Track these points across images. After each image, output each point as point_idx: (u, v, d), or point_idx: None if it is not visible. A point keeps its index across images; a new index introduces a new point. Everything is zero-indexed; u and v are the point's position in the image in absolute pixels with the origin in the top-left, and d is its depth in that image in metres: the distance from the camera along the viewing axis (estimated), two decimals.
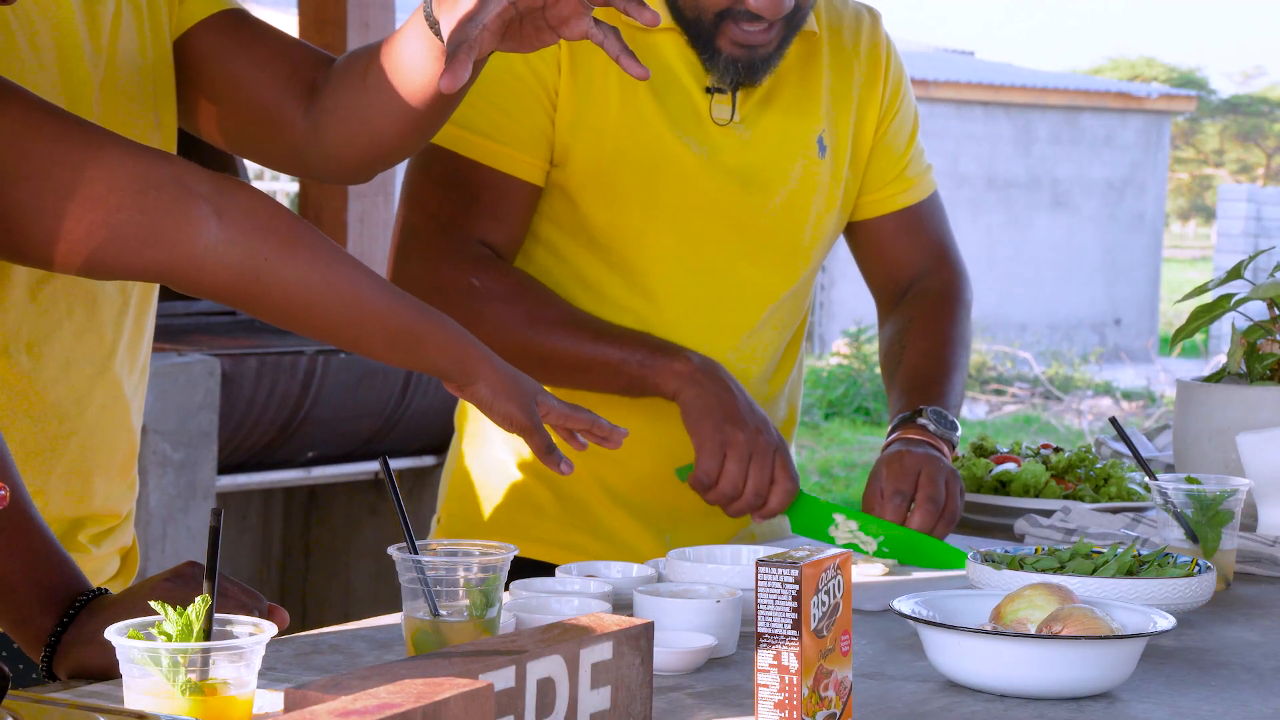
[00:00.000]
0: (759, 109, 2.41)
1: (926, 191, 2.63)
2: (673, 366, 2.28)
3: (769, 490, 2.25)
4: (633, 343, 2.31)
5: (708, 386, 2.26)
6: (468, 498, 2.45)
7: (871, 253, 2.63)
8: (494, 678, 1.42)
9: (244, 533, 5.67)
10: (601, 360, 2.30)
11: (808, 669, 1.57)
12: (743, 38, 2.29)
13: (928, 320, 2.57)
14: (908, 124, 2.59)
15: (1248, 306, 2.77)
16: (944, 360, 2.54)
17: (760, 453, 2.24)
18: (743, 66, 2.32)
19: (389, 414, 5.21)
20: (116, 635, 1.44)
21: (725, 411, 2.25)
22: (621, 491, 2.43)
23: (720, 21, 2.29)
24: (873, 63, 2.52)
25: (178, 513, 4.71)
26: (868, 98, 2.52)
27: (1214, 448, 2.62)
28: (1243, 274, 2.78)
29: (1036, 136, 19.96)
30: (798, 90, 2.44)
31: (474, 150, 2.32)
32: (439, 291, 2.30)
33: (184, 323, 5.59)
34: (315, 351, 5.01)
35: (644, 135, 2.34)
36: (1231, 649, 1.96)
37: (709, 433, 2.24)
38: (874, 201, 2.58)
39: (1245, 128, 39.13)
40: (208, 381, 4.74)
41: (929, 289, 2.61)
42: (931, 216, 2.64)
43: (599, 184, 2.34)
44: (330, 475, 5.30)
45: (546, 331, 2.31)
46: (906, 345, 2.55)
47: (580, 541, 2.40)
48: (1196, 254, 38.64)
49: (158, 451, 4.66)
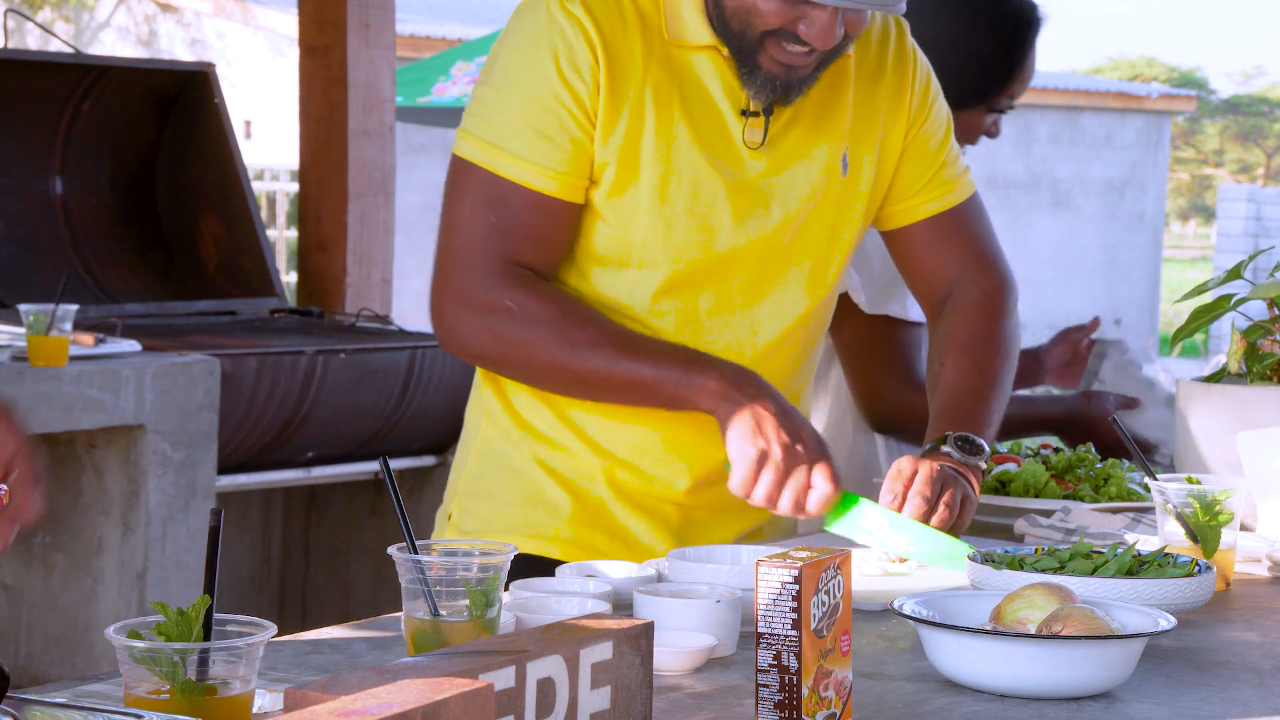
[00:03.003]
0: (784, 130, 2.41)
1: (964, 195, 2.60)
2: (707, 385, 2.29)
3: (805, 496, 2.26)
4: (668, 360, 2.32)
5: (742, 401, 2.27)
6: (482, 495, 2.46)
7: (909, 261, 2.61)
8: (494, 678, 1.42)
9: (244, 533, 5.67)
10: (637, 380, 2.32)
11: (808, 669, 1.56)
12: (785, 58, 2.30)
13: (964, 334, 2.55)
14: (939, 129, 2.56)
15: (1248, 306, 2.77)
16: (978, 379, 2.51)
17: (798, 462, 2.25)
18: (780, 85, 2.32)
19: (389, 414, 5.21)
20: (116, 635, 1.44)
21: (761, 425, 2.25)
22: (635, 493, 2.43)
23: (764, 39, 2.29)
24: (899, 73, 2.51)
25: (178, 513, 4.71)
26: (895, 109, 2.50)
27: (1214, 448, 2.62)
28: (1243, 274, 2.78)
29: (1036, 136, 19.96)
30: (822, 109, 2.44)
31: (515, 173, 2.33)
32: (478, 314, 2.33)
33: (184, 323, 5.59)
34: (315, 351, 5.01)
35: (675, 156, 2.34)
36: (1231, 649, 1.96)
37: (743, 448, 2.25)
38: (905, 209, 2.57)
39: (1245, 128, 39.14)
40: (208, 381, 4.74)
41: (968, 299, 2.58)
42: (969, 220, 2.61)
43: (628, 204, 2.35)
44: (330, 475, 5.30)
45: (582, 353, 2.32)
46: (944, 363, 2.54)
47: (595, 541, 2.41)
48: (1196, 254, 38.64)
49: (158, 451, 4.66)
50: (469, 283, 2.34)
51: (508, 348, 2.35)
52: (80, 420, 4.51)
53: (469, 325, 2.35)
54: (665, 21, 2.35)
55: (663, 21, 2.35)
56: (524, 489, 2.44)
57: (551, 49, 2.31)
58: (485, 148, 2.33)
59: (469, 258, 2.34)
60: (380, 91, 6.00)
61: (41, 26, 6.10)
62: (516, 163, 2.32)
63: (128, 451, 4.67)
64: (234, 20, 17.27)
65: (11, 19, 13.45)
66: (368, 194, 6.02)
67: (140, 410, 4.61)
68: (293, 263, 13.65)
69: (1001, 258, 2.65)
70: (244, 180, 5.92)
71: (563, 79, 2.31)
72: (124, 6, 18.72)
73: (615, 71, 2.32)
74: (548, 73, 2.31)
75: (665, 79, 2.34)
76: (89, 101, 5.84)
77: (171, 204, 6.06)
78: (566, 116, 2.32)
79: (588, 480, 2.43)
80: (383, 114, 6.03)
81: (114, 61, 5.97)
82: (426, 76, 11.10)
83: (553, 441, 2.43)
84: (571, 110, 2.31)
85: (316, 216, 6.03)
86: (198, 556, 4.73)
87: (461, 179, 2.36)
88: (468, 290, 2.34)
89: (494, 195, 2.34)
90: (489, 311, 2.33)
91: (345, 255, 5.98)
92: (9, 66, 5.66)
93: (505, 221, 2.34)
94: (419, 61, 11.68)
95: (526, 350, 2.33)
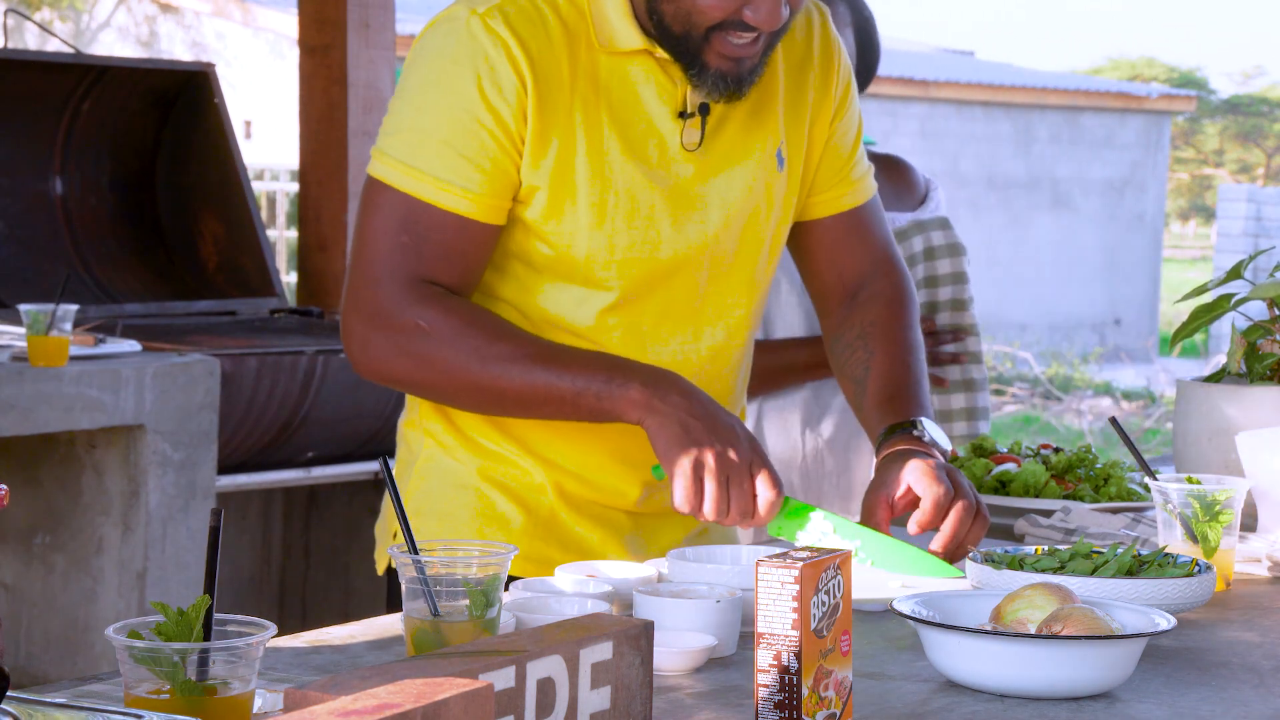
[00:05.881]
0: (717, 130, 2.37)
1: (870, 193, 2.58)
2: (629, 395, 2.23)
3: (753, 505, 2.23)
4: (586, 370, 2.25)
5: (667, 411, 2.21)
6: (430, 513, 2.42)
7: (819, 255, 2.58)
8: (494, 678, 1.42)
9: (244, 533, 5.67)
10: (557, 394, 2.25)
11: (808, 669, 1.57)
12: (731, 50, 2.25)
13: (889, 324, 2.53)
14: (854, 124, 2.54)
15: (1248, 306, 2.78)
16: (911, 366, 2.50)
17: (736, 469, 2.20)
18: (731, 80, 2.28)
19: (389, 414, 5.20)
20: (116, 635, 1.44)
21: (691, 434, 2.20)
22: (585, 503, 2.41)
23: (710, 35, 2.25)
24: (825, 65, 2.48)
25: (178, 513, 4.71)
26: (821, 100, 2.48)
27: (1214, 448, 2.63)
28: (1243, 274, 2.79)
29: (1036, 136, 19.95)
30: (755, 105, 2.40)
31: (428, 193, 2.27)
32: (387, 333, 2.27)
33: (184, 323, 5.59)
34: (315, 351, 5.01)
35: (609, 172, 2.29)
36: (1231, 649, 1.96)
37: (678, 462, 2.20)
38: (821, 202, 2.54)
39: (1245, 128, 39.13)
40: (208, 381, 4.74)
41: (881, 293, 2.56)
42: (876, 218, 2.60)
43: (562, 219, 2.30)
44: (330, 475, 5.29)
45: (499, 368, 2.25)
46: (873, 350, 2.51)
47: (547, 553, 2.38)
48: (1196, 254, 38.63)
49: (158, 451, 4.66)
50: (378, 300, 2.27)
51: (422, 369, 2.28)
52: (80, 420, 4.51)
53: (379, 346, 2.27)
54: (593, 28, 2.30)
55: (590, 29, 2.30)
56: (473, 504, 2.40)
57: (474, 69, 2.24)
58: (399, 168, 2.27)
59: (379, 276, 2.27)
60: (380, 91, 6.00)
61: (41, 26, 6.10)
62: (432, 183, 2.26)
63: (128, 451, 4.67)
64: (234, 21, 17.27)
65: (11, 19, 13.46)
66: None
67: (140, 410, 4.61)
68: (293, 263, 13.65)
69: (901, 255, 2.64)
70: (244, 180, 5.92)
71: (485, 100, 2.24)
72: (124, 6, 18.72)
73: (543, 92, 2.26)
74: (469, 93, 2.24)
75: (592, 92, 2.29)
76: (89, 101, 5.84)
77: (171, 204, 6.06)
78: (487, 138, 2.25)
79: (538, 494, 2.39)
80: (382, 114, 6.02)
81: (114, 61, 5.97)
82: None
83: (499, 456, 2.39)
84: (493, 131, 2.25)
85: (316, 216, 6.03)
86: (198, 556, 4.73)
87: (375, 198, 2.30)
88: (376, 308, 2.27)
89: (407, 215, 2.27)
90: (399, 331, 2.26)
91: (345, 255, 5.98)
92: (9, 66, 5.66)
93: (417, 241, 2.27)
94: None
95: (440, 369, 2.26)
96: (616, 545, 2.42)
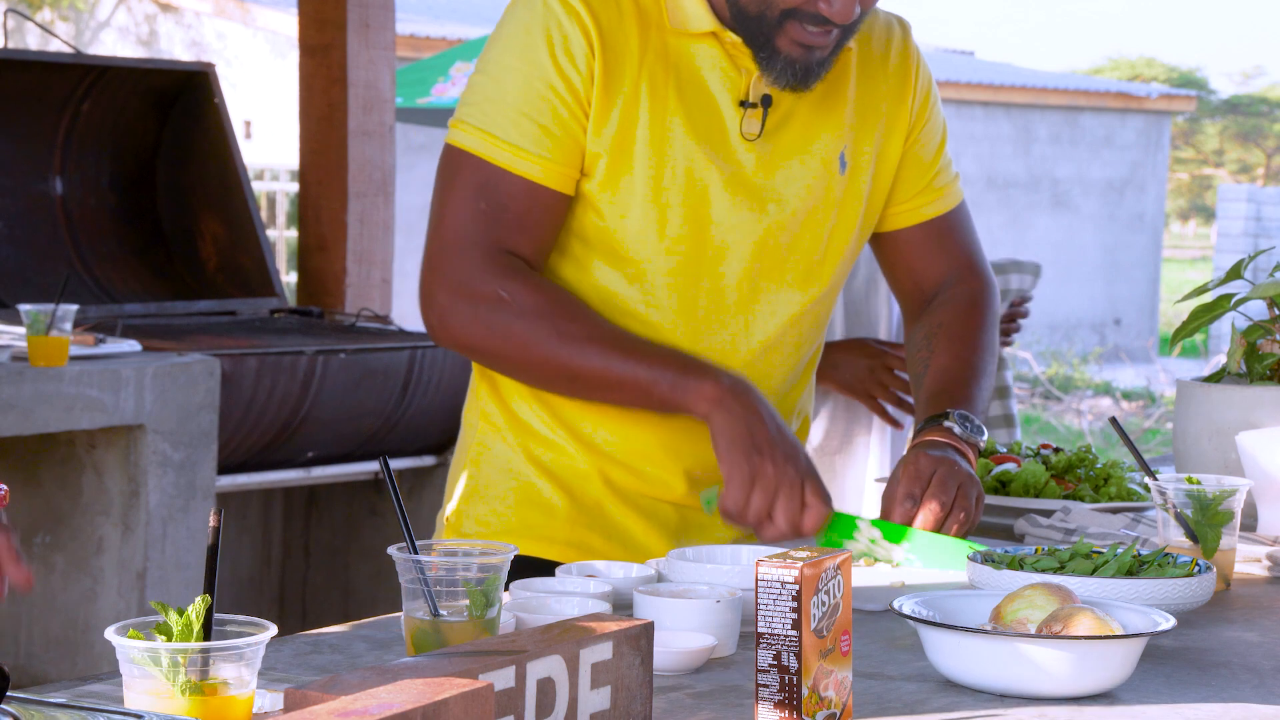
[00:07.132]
0: (782, 123, 2.40)
1: (954, 201, 2.62)
2: (702, 389, 2.27)
3: (801, 516, 2.25)
4: (662, 361, 2.30)
5: (737, 412, 2.25)
6: (479, 497, 2.45)
7: (899, 263, 2.63)
8: (494, 678, 1.42)
9: (244, 533, 5.67)
10: (631, 379, 2.30)
11: (808, 669, 1.57)
12: (805, 38, 2.29)
13: (956, 325, 2.57)
14: (936, 135, 2.58)
15: (1248, 306, 2.78)
16: (972, 365, 2.53)
17: (789, 484, 2.23)
18: (800, 68, 2.31)
19: (389, 414, 5.20)
20: (116, 635, 1.44)
21: (754, 440, 2.24)
22: (632, 493, 2.43)
23: (784, 20, 2.29)
24: (902, 75, 2.51)
25: (178, 513, 4.71)
26: (896, 111, 2.51)
27: (1214, 448, 2.63)
28: (1243, 274, 2.79)
29: (1036, 136, 19.96)
30: (821, 106, 2.43)
31: (505, 159, 2.32)
32: (469, 303, 2.31)
33: (184, 323, 5.59)
34: (315, 351, 5.01)
35: (670, 148, 2.34)
36: (1231, 649, 1.96)
37: (737, 463, 2.23)
38: (902, 212, 2.58)
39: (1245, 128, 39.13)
40: (208, 381, 4.74)
41: (957, 296, 2.60)
42: (959, 226, 2.64)
43: (622, 196, 2.34)
44: (330, 475, 5.30)
45: (576, 348, 2.31)
46: (935, 349, 2.54)
47: (592, 542, 2.41)
48: (1196, 254, 38.64)
49: (158, 451, 4.66)
50: (460, 270, 2.32)
51: (500, 339, 2.32)
52: (80, 420, 4.51)
53: (460, 314, 2.33)
54: (665, 9, 2.35)
55: (663, 10, 2.35)
56: (520, 490, 2.43)
57: (546, 37, 2.30)
58: (475, 133, 2.32)
59: (459, 244, 2.33)
60: (380, 91, 6.00)
61: (41, 26, 6.10)
62: (506, 148, 2.31)
63: (128, 451, 4.67)
64: (234, 21, 17.26)
65: (11, 19, 13.46)
66: (367, 194, 6.02)
67: (140, 410, 4.61)
68: (293, 263, 13.65)
69: (987, 262, 2.69)
70: (244, 180, 5.92)
71: (557, 67, 2.30)
72: (124, 6, 18.72)
73: (610, 62, 2.31)
74: (542, 60, 2.30)
75: (661, 71, 2.34)
76: (89, 101, 5.84)
77: (171, 204, 6.06)
78: (559, 103, 2.31)
79: (584, 481, 2.42)
80: (382, 114, 6.03)
81: (114, 61, 5.97)
82: (426, 77, 11.12)
83: (548, 442, 2.42)
84: (564, 98, 2.31)
85: (316, 216, 6.03)
86: (198, 556, 4.73)
87: (453, 166, 2.35)
88: (459, 278, 2.32)
89: (484, 181, 2.33)
90: (481, 301, 2.31)
91: (345, 255, 5.99)
92: (9, 66, 5.66)
93: (495, 209, 2.32)
94: (419, 62, 11.68)
95: (519, 343, 2.31)
96: (663, 538, 2.42)
